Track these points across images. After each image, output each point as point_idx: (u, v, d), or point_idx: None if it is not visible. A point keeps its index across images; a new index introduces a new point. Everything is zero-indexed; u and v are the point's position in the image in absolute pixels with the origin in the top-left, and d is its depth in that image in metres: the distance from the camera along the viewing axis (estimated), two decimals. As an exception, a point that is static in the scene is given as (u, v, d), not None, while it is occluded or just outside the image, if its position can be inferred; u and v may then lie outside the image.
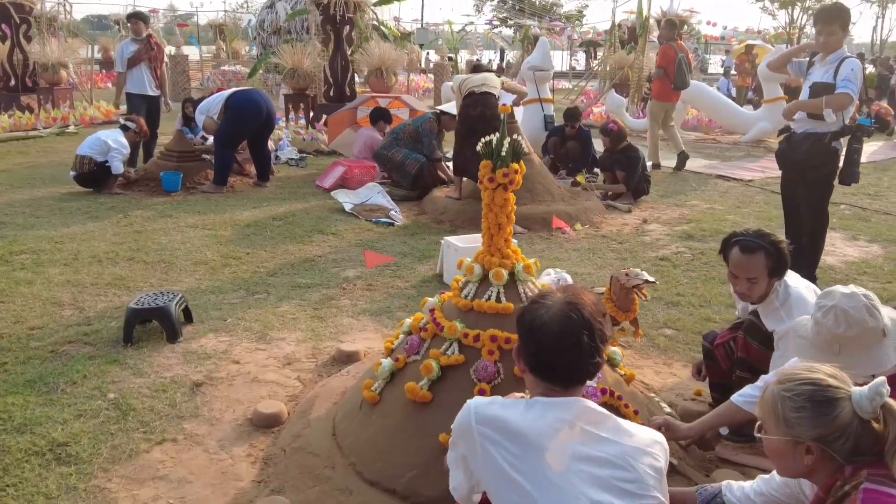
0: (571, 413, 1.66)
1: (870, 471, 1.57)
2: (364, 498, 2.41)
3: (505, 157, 2.58)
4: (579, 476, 1.56)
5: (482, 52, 30.64)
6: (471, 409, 1.71)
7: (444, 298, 2.87)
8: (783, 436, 1.66)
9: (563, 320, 1.71)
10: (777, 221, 6.77)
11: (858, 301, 2.23)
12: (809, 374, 1.69)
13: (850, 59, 4.50)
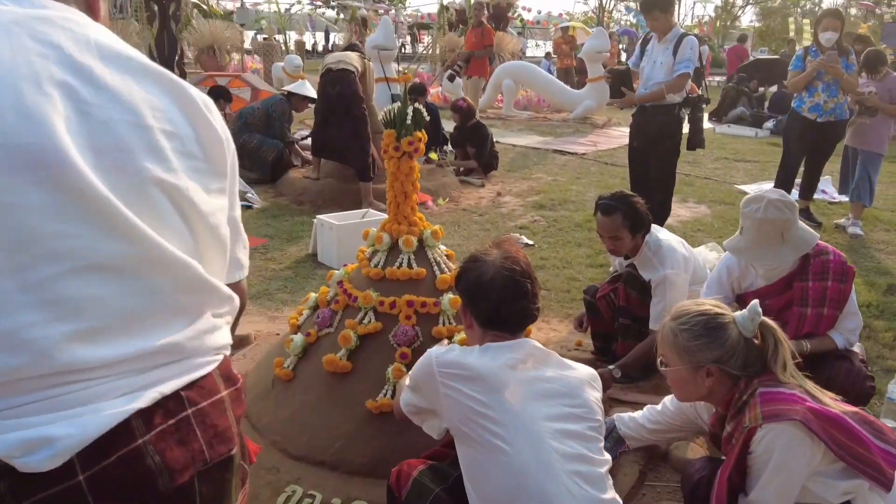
0: (522, 353, 1.79)
1: (760, 379, 1.84)
2: (294, 473, 2.38)
3: (409, 126, 2.63)
4: (536, 407, 1.71)
5: (312, 33, 29.96)
6: (432, 357, 1.79)
7: (349, 270, 2.87)
8: (685, 364, 1.89)
9: (507, 274, 1.83)
10: (616, 188, 7.35)
11: (779, 191, 2.65)
12: (699, 307, 1.95)
13: (689, 37, 4.97)
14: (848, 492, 1.75)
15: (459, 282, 1.93)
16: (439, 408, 1.76)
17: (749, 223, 2.69)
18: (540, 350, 1.84)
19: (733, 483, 1.82)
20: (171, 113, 1.03)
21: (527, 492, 1.59)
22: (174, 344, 1.02)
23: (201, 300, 1.08)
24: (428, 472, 1.88)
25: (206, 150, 1.08)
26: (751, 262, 2.81)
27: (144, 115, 0.99)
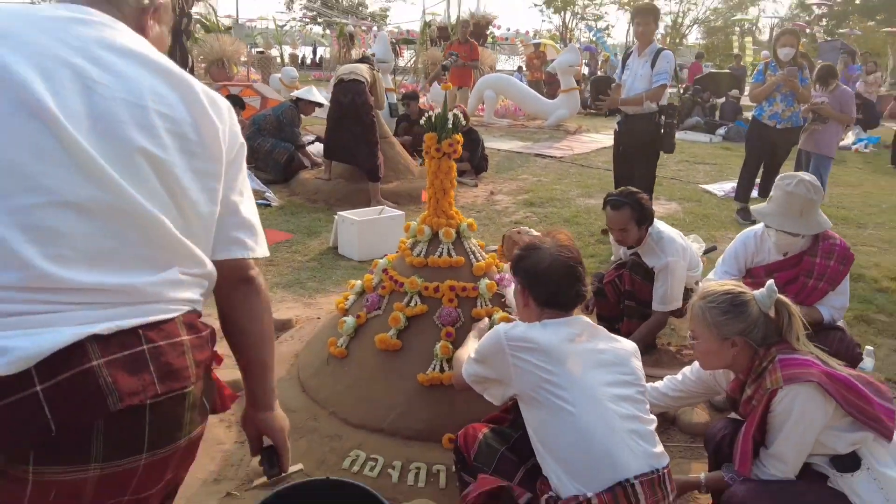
0: (577, 328, 1.85)
1: (777, 347, 1.92)
2: (355, 439, 2.42)
3: (449, 129, 2.67)
4: (594, 374, 1.77)
5: (302, 48, 29.68)
6: (500, 333, 1.83)
7: (391, 259, 2.91)
8: (713, 337, 1.96)
9: (563, 261, 1.89)
10: (595, 188, 7.48)
11: (811, 175, 2.81)
12: (723, 287, 2.02)
13: (665, 51, 5.09)
14: (855, 442, 1.83)
15: (518, 267, 1.97)
16: (508, 377, 1.80)
17: (780, 193, 2.85)
18: (591, 325, 1.90)
19: (755, 439, 1.90)
20: (172, 100, 1.14)
21: (593, 448, 1.65)
22: (133, 287, 1.08)
23: (169, 256, 1.14)
24: (492, 435, 1.94)
25: (202, 135, 1.17)
26: (771, 224, 2.90)
27: (144, 98, 1.11)
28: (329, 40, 31.99)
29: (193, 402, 1.15)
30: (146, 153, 1.09)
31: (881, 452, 1.84)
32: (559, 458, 1.69)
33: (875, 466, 1.82)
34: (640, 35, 5.16)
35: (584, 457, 1.65)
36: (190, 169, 1.16)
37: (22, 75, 1.01)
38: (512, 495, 1.74)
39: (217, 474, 2.35)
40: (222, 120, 1.22)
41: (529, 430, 1.79)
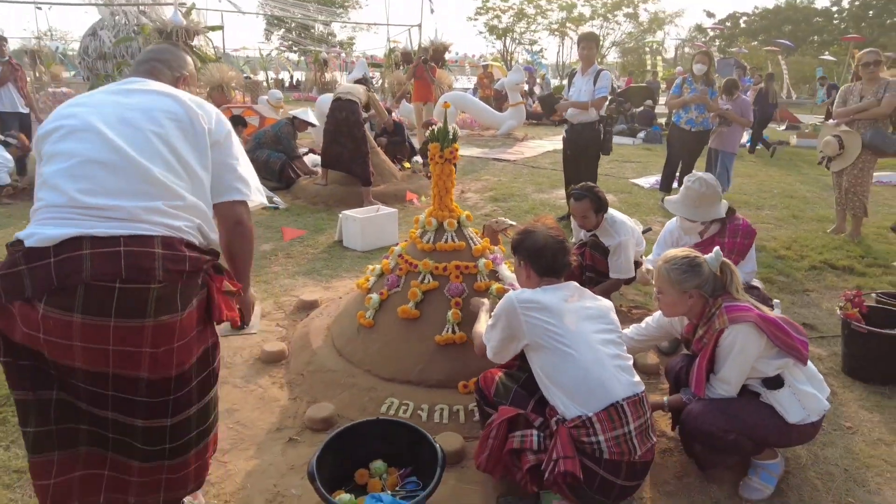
0: (570, 291, 2.03)
1: (723, 297, 2.13)
2: (388, 390, 2.56)
3: (450, 140, 2.82)
4: (586, 325, 1.94)
5: (282, 73, 29.13)
6: (512, 297, 1.99)
7: (403, 246, 3.05)
8: (676, 291, 2.17)
9: (554, 239, 2.08)
10: (546, 185, 7.71)
11: (711, 176, 3.04)
12: (682, 253, 2.22)
13: (605, 71, 5.32)
14: (779, 367, 2.07)
15: (519, 248, 2.13)
16: (521, 332, 1.95)
17: (683, 188, 3.11)
18: (579, 288, 2.09)
19: (707, 369, 2.12)
20: (174, 107, 1.63)
21: (589, 379, 1.84)
22: (127, 210, 1.48)
23: (156, 192, 1.53)
24: (505, 377, 2.12)
25: (193, 123, 1.63)
26: (672, 211, 3.19)
27: (153, 109, 1.61)
28: (304, 66, 31.60)
29: (159, 296, 1.45)
30: (154, 132, 1.58)
31: (798, 374, 2.08)
32: (564, 388, 1.87)
33: (794, 384, 2.06)
34: (584, 57, 5.37)
35: (584, 386, 1.84)
36: (186, 141, 1.62)
37: (88, 118, 1.56)
38: (528, 419, 1.92)
39: (279, 424, 2.47)
40: (208, 115, 1.68)
41: (537, 370, 1.96)
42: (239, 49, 28.19)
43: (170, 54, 1.86)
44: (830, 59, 25.61)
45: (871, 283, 4.24)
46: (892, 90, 4.66)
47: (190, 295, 1.51)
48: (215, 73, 9.80)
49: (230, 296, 1.68)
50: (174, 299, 1.47)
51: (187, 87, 1.87)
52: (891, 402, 2.79)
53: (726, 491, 2.15)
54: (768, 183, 8.19)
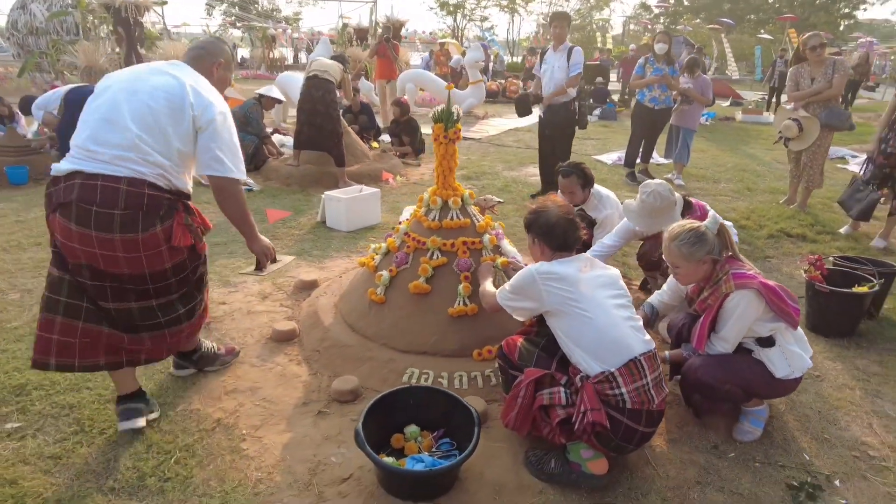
0: (582, 262, 2.20)
1: (730, 264, 2.34)
2: (406, 361, 2.69)
3: (453, 121, 2.94)
4: (600, 292, 2.11)
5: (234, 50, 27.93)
6: (532, 271, 2.15)
7: (408, 224, 3.16)
8: (691, 263, 2.35)
9: (565, 216, 2.24)
10: (514, 162, 7.90)
11: (665, 187, 3.10)
12: (683, 226, 2.39)
13: (577, 47, 5.48)
14: (773, 329, 2.30)
15: (533, 225, 2.28)
16: (541, 300, 2.11)
17: (639, 198, 3.16)
18: (590, 259, 2.25)
19: (709, 328, 2.35)
20: (174, 87, 2.10)
21: (608, 338, 2.02)
22: (110, 155, 2.01)
23: (130, 146, 2.02)
24: (526, 342, 2.29)
25: (183, 102, 2.09)
26: (629, 220, 3.27)
27: (157, 87, 2.09)
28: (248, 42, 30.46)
29: (122, 220, 1.99)
30: (148, 105, 2.06)
31: (788, 336, 2.34)
32: (586, 349, 2.05)
33: (784, 345, 2.32)
34: (556, 36, 5.53)
35: (604, 346, 2.02)
36: (171, 116, 2.08)
37: (112, 86, 2.14)
38: (554, 378, 2.10)
39: (304, 399, 2.57)
40: (199, 104, 2.11)
41: (559, 334, 2.13)
42: (180, 25, 26.88)
43: (212, 45, 2.37)
44: (767, 37, 26.78)
45: (823, 249, 4.65)
46: (840, 70, 5.04)
47: (151, 221, 2.04)
48: (170, 52, 9.46)
49: (189, 228, 2.18)
50: (136, 222, 2.01)
51: (221, 70, 2.38)
52: (849, 352, 3.14)
53: (722, 435, 2.41)
54: (721, 157, 8.65)
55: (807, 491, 2.11)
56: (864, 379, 2.88)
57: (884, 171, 4.59)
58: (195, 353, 2.70)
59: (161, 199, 2.05)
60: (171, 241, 2.08)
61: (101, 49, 9.18)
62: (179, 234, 2.11)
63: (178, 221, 2.11)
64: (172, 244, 2.09)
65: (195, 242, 2.22)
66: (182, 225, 2.12)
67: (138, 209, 2.00)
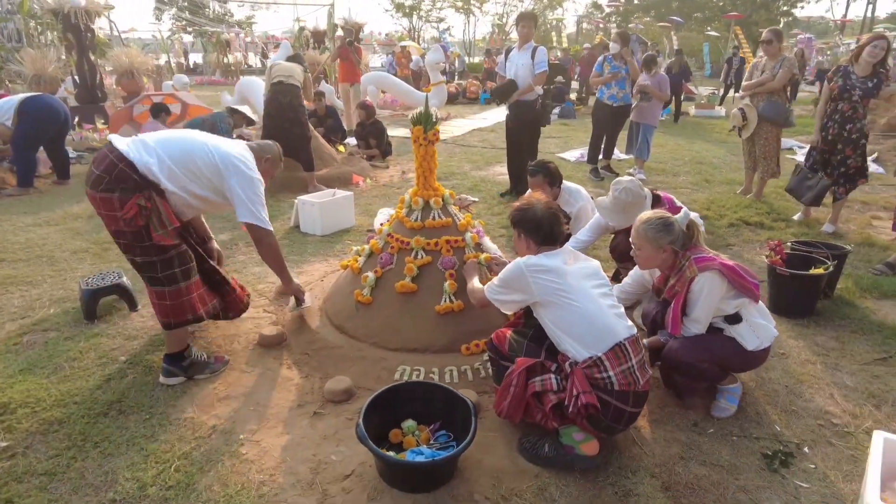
0: (566, 255, 2.31)
1: (691, 251, 2.50)
2: (397, 359, 2.76)
3: (432, 123, 3.02)
4: (585, 282, 2.23)
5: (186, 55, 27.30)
6: (520, 264, 2.25)
7: (389, 225, 3.22)
8: (652, 246, 2.50)
9: (550, 211, 2.35)
10: (481, 162, 8.02)
11: (636, 184, 3.25)
12: (655, 214, 2.55)
13: (541, 47, 5.61)
14: (737, 306, 2.48)
15: (519, 221, 2.38)
16: (531, 292, 2.21)
17: (611, 195, 3.27)
18: (574, 251, 2.38)
19: (680, 312, 2.50)
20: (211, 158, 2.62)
21: (595, 325, 2.13)
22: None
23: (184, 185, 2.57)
24: (515, 334, 2.39)
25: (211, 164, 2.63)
26: (602, 216, 3.37)
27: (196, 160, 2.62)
28: (200, 47, 29.82)
29: (96, 178, 2.44)
30: (200, 145, 2.65)
31: (752, 310, 2.51)
32: (574, 336, 2.15)
33: (750, 319, 2.49)
34: (522, 35, 5.65)
35: (591, 332, 2.13)
36: (203, 162, 2.61)
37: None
38: (544, 365, 2.21)
39: (298, 401, 2.60)
40: (219, 165, 2.61)
41: (548, 323, 2.23)
42: (128, 31, 26.10)
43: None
44: (714, 34, 27.78)
45: (779, 235, 4.92)
46: (787, 66, 5.34)
47: (111, 187, 2.42)
48: (123, 59, 9.24)
49: (142, 209, 2.44)
50: (101, 181, 2.43)
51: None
52: (809, 330, 3.36)
53: (701, 413, 2.57)
54: (679, 151, 8.99)
55: (780, 459, 2.28)
56: (823, 354, 3.09)
57: (823, 155, 4.90)
58: (185, 359, 2.71)
59: (128, 177, 2.42)
60: (122, 209, 2.40)
61: (49, 56, 8.86)
62: (128, 208, 2.41)
63: (134, 199, 2.42)
64: (122, 213, 2.41)
65: (150, 228, 2.47)
66: (136, 204, 2.41)
67: (109, 174, 2.43)
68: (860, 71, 4.64)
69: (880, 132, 9.36)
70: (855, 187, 4.98)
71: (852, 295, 3.76)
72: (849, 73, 4.68)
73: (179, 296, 2.61)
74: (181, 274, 2.61)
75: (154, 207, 2.46)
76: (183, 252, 2.62)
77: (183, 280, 2.61)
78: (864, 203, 6.12)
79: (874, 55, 4.54)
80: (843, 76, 4.70)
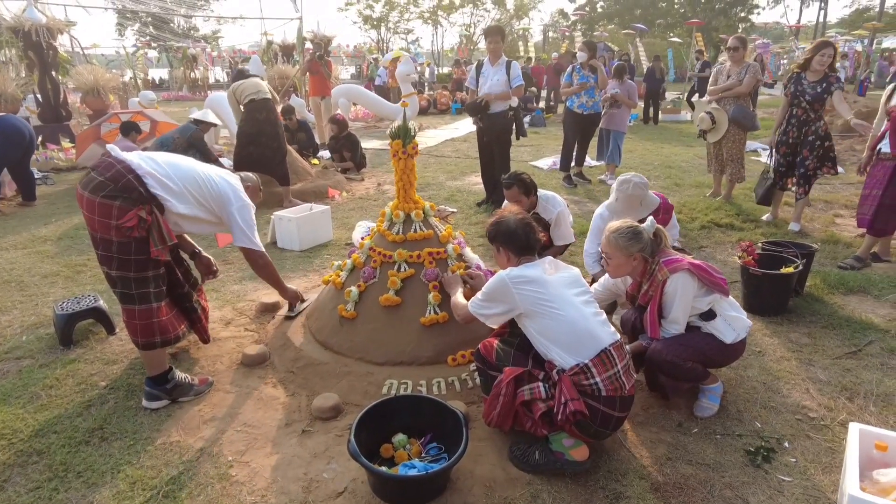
0: (546, 265, 2.34)
1: (659, 255, 2.57)
2: (383, 373, 2.75)
3: (411, 136, 3.04)
4: (567, 290, 2.26)
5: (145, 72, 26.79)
6: (503, 277, 2.27)
7: (370, 239, 3.22)
8: (623, 255, 2.56)
9: (523, 221, 2.40)
10: (456, 172, 8.07)
11: (641, 178, 3.37)
12: (624, 224, 2.59)
13: (514, 62, 5.70)
14: (710, 302, 2.54)
15: (495, 235, 2.40)
16: (515, 303, 2.23)
17: (622, 196, 3.38)
18: (555, 260, 2.41)
19: (657, 314, 2.56)
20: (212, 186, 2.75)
21: (580, 333, 2.16)
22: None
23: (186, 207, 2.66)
24: (501, 343, 2.41)
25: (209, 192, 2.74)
26: (618, 217, 3.39)
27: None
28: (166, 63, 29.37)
29: (99, 184, 2.46)
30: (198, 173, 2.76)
31: (724, 304, 2.58)
32: (560, 344, 2.19)
33: (724, 313, 2.56)
34: (492, 52, 5.73)
35: (577, 340, 2.17)
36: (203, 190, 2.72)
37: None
38: (532, 374, 2.24)
39: (286, 420, 2.58)
40: (222, 192, 2.74)
41: (533, 333, 2.25)
42: (91, 47, 25.53)
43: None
44: (677, 40, 28.53)
45: (749, 236, 5.07)
46: (752, 72, 5.53)
47: (113, 194, 2.43)
48: (88, 76, 9.07)
49: (142, 221, 2.47)
50: (104, 187, 2.44)
51: (248, 192, 2.99)
52: (782, 327, 3.47)
53: (684, 414, 2.63)
54: (648, 156, 9.19)
55: (762, 454, 2.34)
56: (797, 350, 3.19)
57: (787, 158, 5.11)
58: (168, 382, 2.66)
59: (135, 188, 2.46)
60: (120, 219, 2.40)
61: (9, 74, 8.64)
62: (128, 218, 2.41)
63: (136, 210, 2.43)
64: (120, 222, 2.40)
65: (149, 239, 2.49)
66: (136, 215, 2.42)
67: (115, 182, 2.44)
68: (811, 76, 4.87)
69: (837, 133, 9.72)
70: (811, 188, 5.16)
71: (821, 291, 3.89)
72: (801, 78, 4.92)
73: (149, 316, 2.60)
74: (154, 295, 2.60)
75: (154, 222, 2.50)
76: (161, 274, 2.62)
77: (155, 300, 2.60)
78: (827, 202, 6.34)
79: (823, 62, 4.78)
80: (795, 82, 4.93)
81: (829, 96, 4.81)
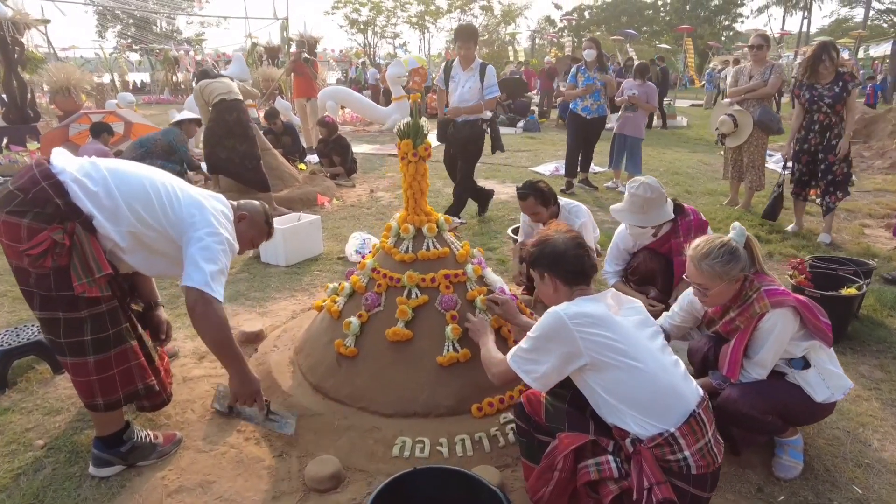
0: (609, 300, 1.81)
1: (759, 280, 2.06)
2: (394, 428, 2.22)
3: (423, 136, 2.51)
4: (639, 333, 1.74)
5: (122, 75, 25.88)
6: (559, 314, 1.73)
7: (372, 258, 2.68)
8: (725, 282, 2.03)
9: (575, 243, 1.88)
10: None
11: (653, 179, 2.87)
12: (712, 243, 2.05)
13: (489, 66, 5.04)
14: (806, 348, 2.07)
15: (539, 259, 1.89)
16: (578, 350, 1.69)
17: (627, 195, 2.96)
18: (618, 294, 1.88)
19: (742, 352, 2.05)
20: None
21: (663, 391, 1.64)
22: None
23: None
24: (551, 398, 1.87)
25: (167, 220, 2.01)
26: (619, 219, 3.04)
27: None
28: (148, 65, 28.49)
29: (7, 196, 1.82)
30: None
31: (822, 355, 2.09)
32: (637, 406, 1.65)
33: (821, 365, 2.07)
34: (463, 57, 5.04)
35: (659, 400, 1.64)
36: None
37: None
38: (597, 443, 1.71)
39: (273, 491, 2.02)
40: (185, 215, 2.01)
41: (596, 390, 1.71)
42: (69, 48, 24.67)
43: (248, 204, 2.42)
44: (665, 46, 28.39)
45: (777, 248, 4.62)
46: (777, 72, 5.11)
47: (23, 209, 1.80)
48: (59, 76, 8.41)
49: (56, 244, 1.81)
50: (12, 201, 1.81)
51: (243, 224, 2.31)
52: (847, 358, 2.98)
53: (762, 474, 2.12)
54: (651, 162, 8.75)
55: (876, 535, 1.84)
56: (874, 388, 2.71)
57: (809, 167, 4.77)
58: (123, 443, 2.09)
59: (49, 200, 1.80)
60: (29, 242, 1.78)
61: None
62: (36, 241, 1.78)
63: (49, 231, 1.79)
64: (25, 248, 1.78)
65: (70, 273, 1.82)
66: (49, 237, 1.78)
67: (25, 192, 1.80)
68: (823, 80, 4.53)
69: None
70: (847, 194, 4.75)
71: (878, 314, 3.43)
72: (812, 85, 4.57)
73: (108, 367, 1.95)
74: (93, 344, 1.91)
75: (76, 246, 1.82)
76: (102, 313, 1.92)
77: (115, 345, 1.96)
78: (849, 210, 5.94)
79: (828, 67, 4.47)
80: (807, 89, 4.61)
81: (848, 95, 4.45)
